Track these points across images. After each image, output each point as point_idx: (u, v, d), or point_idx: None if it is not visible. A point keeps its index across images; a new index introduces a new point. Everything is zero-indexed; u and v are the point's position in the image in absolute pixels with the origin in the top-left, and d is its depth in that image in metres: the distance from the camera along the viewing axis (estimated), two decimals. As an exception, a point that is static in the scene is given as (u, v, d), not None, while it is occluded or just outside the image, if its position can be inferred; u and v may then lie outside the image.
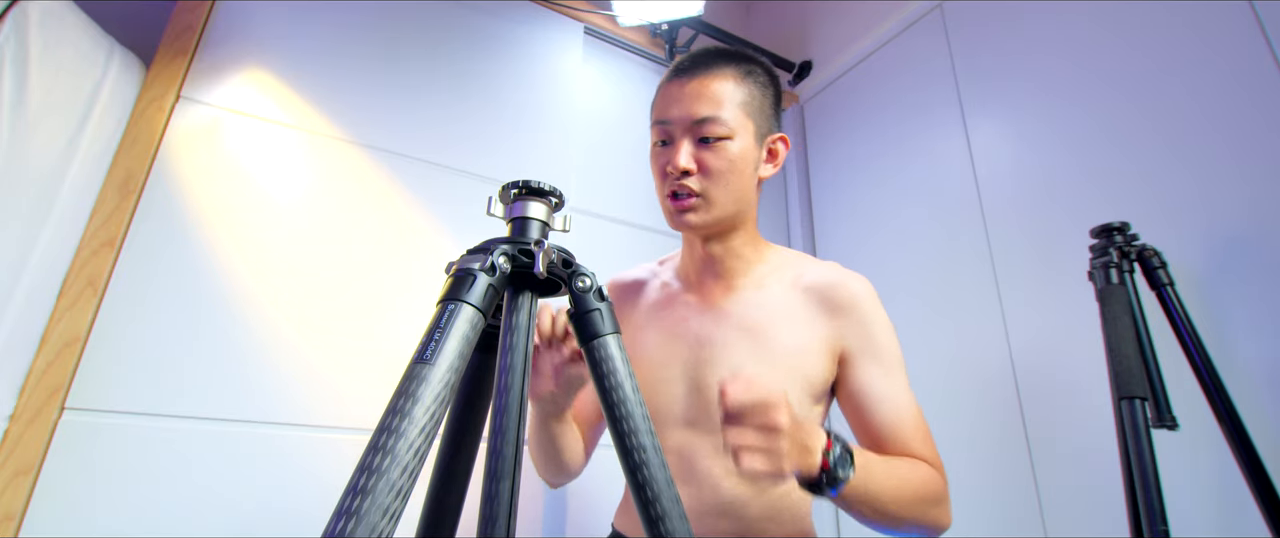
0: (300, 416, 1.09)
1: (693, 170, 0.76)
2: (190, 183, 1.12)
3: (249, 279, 1.12)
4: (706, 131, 0.76)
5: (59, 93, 0.96)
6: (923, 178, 1.58)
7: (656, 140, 0.80)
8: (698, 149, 0.76)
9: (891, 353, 0.77)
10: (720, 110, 0.76)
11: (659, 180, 0.80)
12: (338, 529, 0.34)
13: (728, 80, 0.77)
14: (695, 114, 0.76)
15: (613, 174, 1.65)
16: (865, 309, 0.78)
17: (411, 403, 0.39)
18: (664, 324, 0.84)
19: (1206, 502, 0.96)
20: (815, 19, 2.07)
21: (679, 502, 0.47)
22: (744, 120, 0.77)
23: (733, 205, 0.78)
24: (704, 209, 0.77)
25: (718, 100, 0.76)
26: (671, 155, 0.77)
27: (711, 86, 0.77)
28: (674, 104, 0.77)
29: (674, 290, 0.87)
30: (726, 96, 0.76)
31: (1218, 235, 1.01)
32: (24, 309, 0.91)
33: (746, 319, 0.79)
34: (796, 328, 0.77)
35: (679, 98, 0.77)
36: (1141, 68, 1.17)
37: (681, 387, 0.80)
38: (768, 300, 0.80)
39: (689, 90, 0.77)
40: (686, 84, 0.77)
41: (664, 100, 0.79)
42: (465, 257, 0.50)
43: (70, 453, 0.92)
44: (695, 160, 0.76)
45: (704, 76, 0.77)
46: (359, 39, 1.38)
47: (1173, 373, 0.91)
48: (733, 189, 0.77)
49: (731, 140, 0.76)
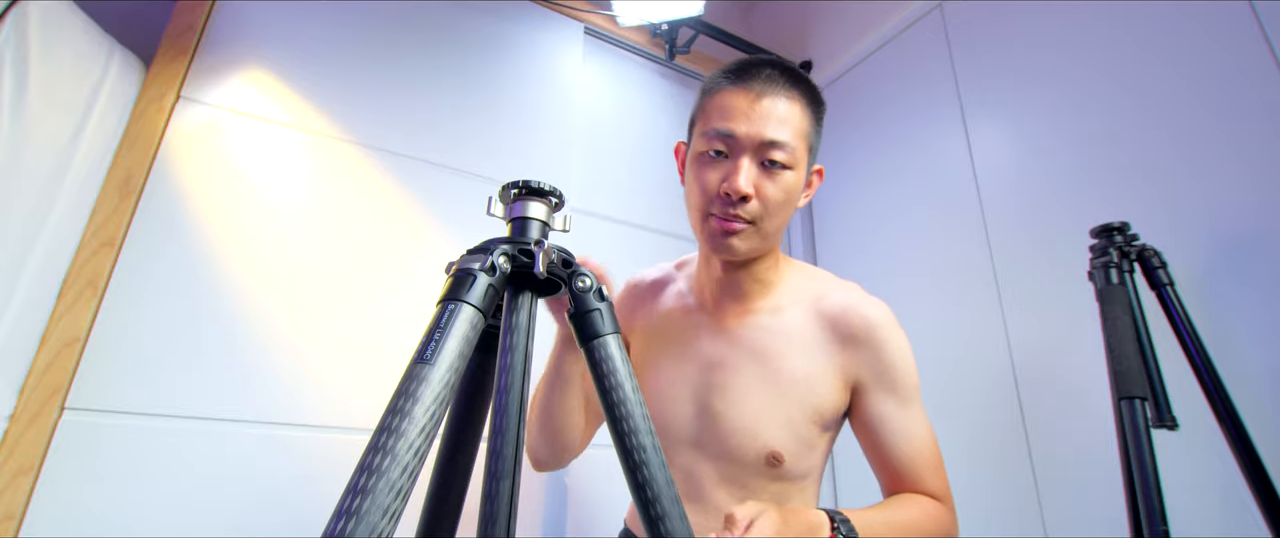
0: (300, 416, 1.09)
1: (752, 196, 0.70)
2: (190, 183, 1.12)
3: (249, 279, 1.12)
4: (772, 156, 0.70)
5: (59, 93, 0.96)
6: (922, 178, 1.58)
7: (706, 149, 0.73)
8: (759, 173, 0.71)
9: (907, 383, 0.75)
10: (789, 137, 0.70)
11: (701, 194, 0.73)
12: (338, 529, 0.34)
13: (798, 104, 0.72)
14: (765, 135, 0.70)
15: (613, 174, 1.65)
16: (880, 338, 0.75)
17: (411, 403, 0.39)
18: (675, 342, 0.83)
19: (1206, 502, 0.96)
20: (815, 19, 2.07)
21: (679, 502, 0.47)
22: (804, 152, 0.73)
23: (775, 236, 0.75)
24: (753, 237, 0.73)
25: (788, 124, 0.71)
26: (730, 174, 0.70)
27: (783, 108, 0.71)
28: (742, 118, 0.70)
29: (689, 305, 0.85)
30: (795, 122, 0.71)
31: (1218, 235, 1.01)
32: (24, 309, 0.91)
33: (758, 344, 0.77)
34: (808, 356, 0.76)
35: (748, 113, 0.70)
36: (1141, 67, 1.17)
37: (690, 408, 0.79)
38: (782, 326, 0.77)
39: (762, 109, 0.70)
40: (760, 100, 0.71)
41: (726, 110, 0.72)
42: (465, 257, 0.50)
43: (70, 453, 0.92)
44: (755, 186, 0.70)
45: (777, 96, 0.71)
46: (359, 39, 1.38)
47: (1173, 373, 0.91)
48: (780, 221, 0.73)
49: (791, 171, 0.71)
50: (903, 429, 0.74)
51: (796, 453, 0.75)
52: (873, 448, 0.76)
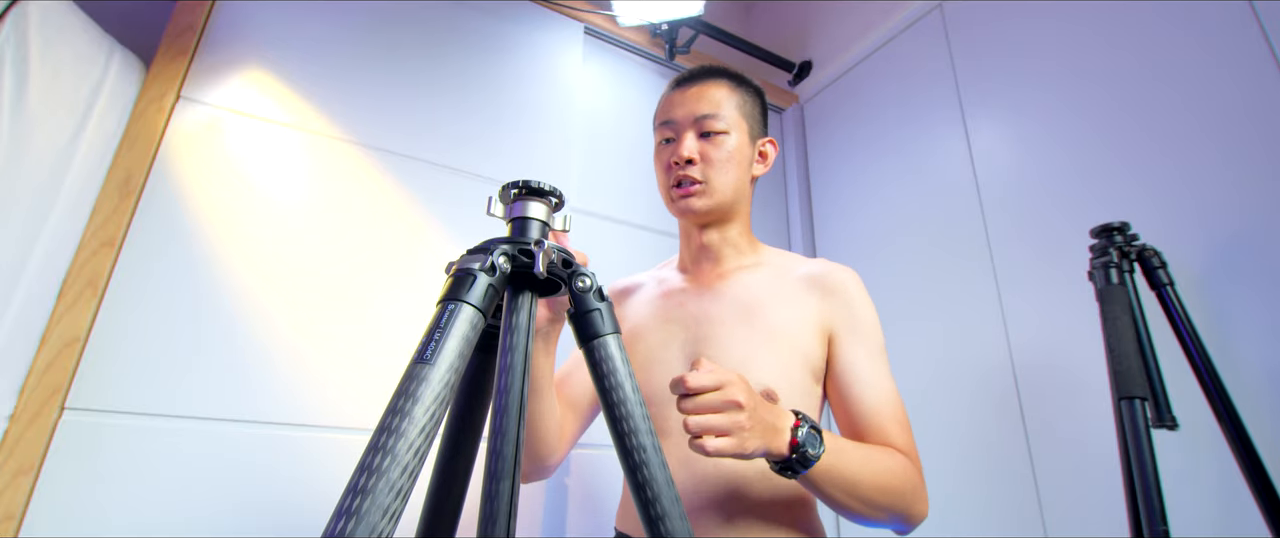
0: (300, 415, 1.09)
1: (696, 160, 0.84)
2: (190, 183, 1.12)
3: (249, 279, 1.12)
4: (707, 127, 0.85)
5: (59, 93, 0.96)
6: (923, 178, 1.58)
7: (660, 140, 0.89)
8: (700, 142, 0.85)
9: (875, 338, 0.80)
10: (718, 109, 0.86)
11: (663, 175, 0.88)
12: (338, 529, 0.34)
13: (723, 87, 0.88)
14: (696, 112, 0.85)
15: (613, 174, 1.65)
16: (852, 292, 0.82)
17: (411, 403, 0.39)
18: (662, 309, 0.88)
19: (1206, 502, 0.96)
20: (815, 19, 2.07)
21: (679, 502, 0.47)
22: (739, 120, 0.87)
23: (731, 193, 0.85)
24: (706, 195, 0.84)
25: (716, 101, 0.86)
26: (675, 149, 0.85)
27: (710, 91, 0.87)
28: (677, 107, 0.87)
29: (672, 283, 0.92)
30: (723, 99, 0.87)
31: (1218, 235, 1.01)
32: (24, 309, 0.91)
33: (741, 298, 0.83)
34: (791, 307, 0.81)
35: (681, 102, 0.87)
36: (1141, 68, 1.17)
37: (681, 366, 0.82)
38: (762, 282, 0.85)
39: (690, 94, 0.87)
40: (688, 90, 0.88)
41: (667, 105, 0.89)
42: (465, 257, 0.50)
43: (70, 453, 0.92)
44: (698, 152, 0.84)
45: (702, 84, 0.88)
46: (359, 39, 1.38)
47: (1173, 373, 0.91)
48: (731, 177, 0.85)
49: (728, 135, 0.86)
50: (871, 380, 0.77)
51: (789, 397, 0.76)
52: (841, 399, 0.78)
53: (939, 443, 1.37)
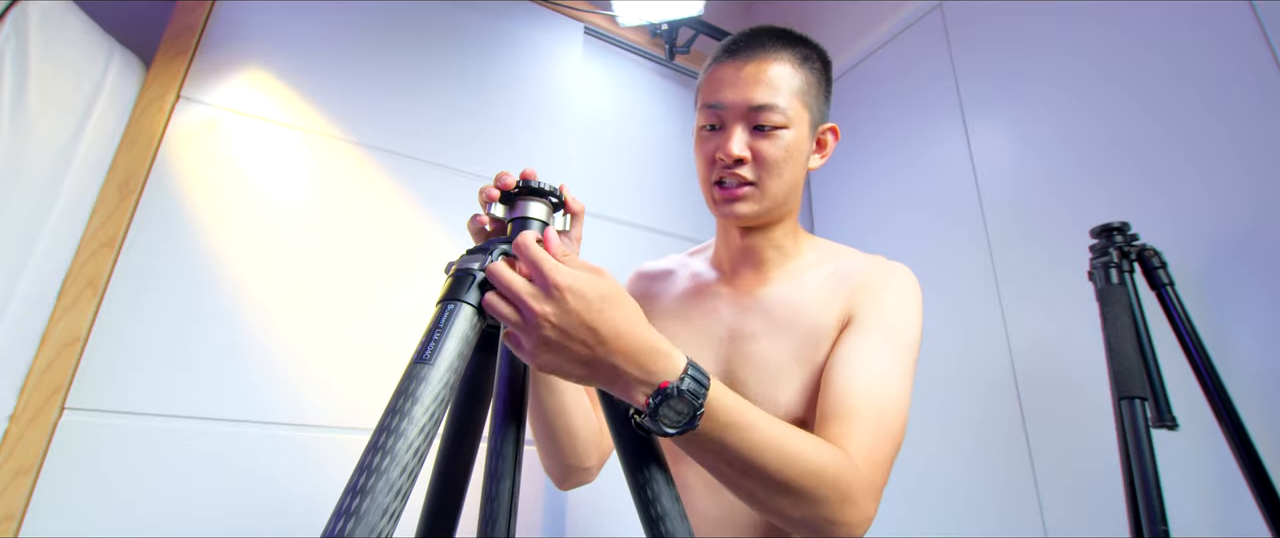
0: (300, 415, 1.09)
1: (747, 159, 0.71)
2: (190, 183, 1.12)
3: (249, 279, 1.12)
4: (762, 119, 0.71)
5: (59, 93, 0.96)
6: (923, 177, 1.58)
7: (703, 124, 0.75)
8: (752, 137, 0.72)
9: (897, 334, 0.69)
10: (777, 97, 0.71)
11: (704, 167, 0.75)
12: (337, 529, 0.34)
13: (785, 64, 0.73)
14: (751, 100, 0.71)
15: (613, 174, 1.65)
16: (885, 285, 0.72)
17: (411, 403, 0.39)
18: (695, 316, 0.80)
19: (1206, 502, 0.96)
20: (815, 19, 2.07)
21: (678, 501, 0.47)
22: (800, 109, 0.73)
23: (783, 197, 0.74)
24: (755, 200, 0.73)
25: (775, 86, 0.71)
26: (722, 141, 0.72)
27: (768, 71, 0.72)
28: (727, 87, 0.72)
29: (706, 281, 0.83)
30: (783, 82, 0.72)
31: (1218, 235, 1.01)
32: (24, 309, 0.91)
33: (778, 311, 0.74)
34: (823, 312, 0.72)
35: (733, 81, 0.72)
36: (1141, 67, 1.17)
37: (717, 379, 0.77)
38: (800, 292, 0.75)
39: (745, 74, 0.72)
40: (743, 67, 0.72)
41: (715, 82, 0.74)
42: (465, 257, 0.50)
43: (70, 453, 0.92)
44: (749, 149, 0.71)
45: (760, 59, 0.72)
46: (359, 39, 1.38)
47: (1173, 373, 0.91)
48: (786, 181, 0.73)
49: (787, 130, 0.72)
50: (860, 366, 0.64)
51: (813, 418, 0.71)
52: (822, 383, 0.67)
53: (938, 443, 1.37)
